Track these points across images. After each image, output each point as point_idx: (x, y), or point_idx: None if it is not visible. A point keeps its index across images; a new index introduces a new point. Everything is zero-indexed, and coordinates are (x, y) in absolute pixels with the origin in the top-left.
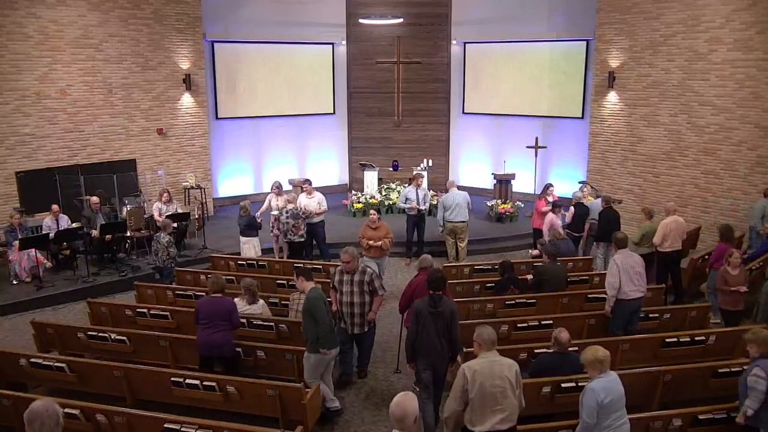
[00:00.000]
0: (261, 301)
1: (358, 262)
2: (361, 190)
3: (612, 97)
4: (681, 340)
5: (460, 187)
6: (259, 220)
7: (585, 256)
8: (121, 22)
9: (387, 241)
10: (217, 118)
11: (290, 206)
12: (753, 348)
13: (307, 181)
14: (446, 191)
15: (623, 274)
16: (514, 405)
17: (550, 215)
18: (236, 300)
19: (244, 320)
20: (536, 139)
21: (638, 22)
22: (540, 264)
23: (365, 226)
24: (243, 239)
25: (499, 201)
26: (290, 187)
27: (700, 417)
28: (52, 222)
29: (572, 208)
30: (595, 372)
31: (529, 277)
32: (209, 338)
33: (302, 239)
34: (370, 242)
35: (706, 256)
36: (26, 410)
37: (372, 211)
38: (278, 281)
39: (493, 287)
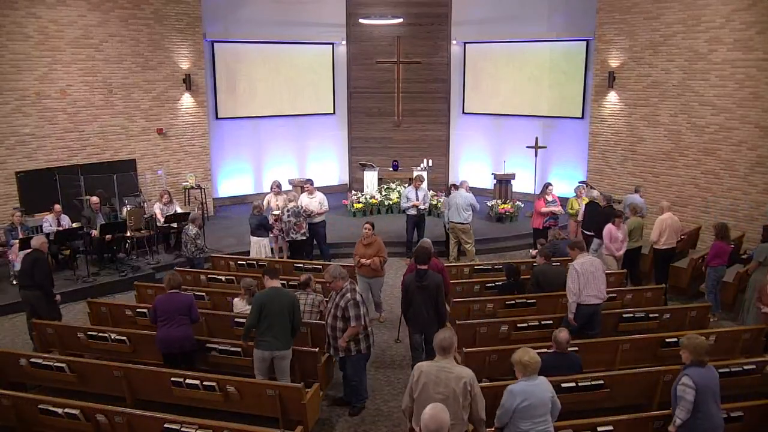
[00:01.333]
0: None
1: (342, 281)
2: (361, 190)
3: (612, 97)
4: (681, 340)
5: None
6: (272, 221)
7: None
8: (121, 22)
9: (377, 260)
10: (217, 118)
11: (291, 204)
12: (685, 354)
13: (309, 181)
14: (450, 191)
15: (582, 278)
16: (458, 416)
17: (610, 226)
18: (236, 300)
19: (243, 320)
20: (536, 139)
21: (638, 22)
22: (536, 265)
23: (358, 242)
24: (253, 239)
25: (499, 201)
26: (290, 187)
27: None
28: (53, 221)
29: (583, 206)
30: (519, 374)
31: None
32: (168, 334)
33: (304, 237)
34: (362, 261)
35: (706, 256)
36: None
37: (366, 225)
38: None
39: (497, 289)
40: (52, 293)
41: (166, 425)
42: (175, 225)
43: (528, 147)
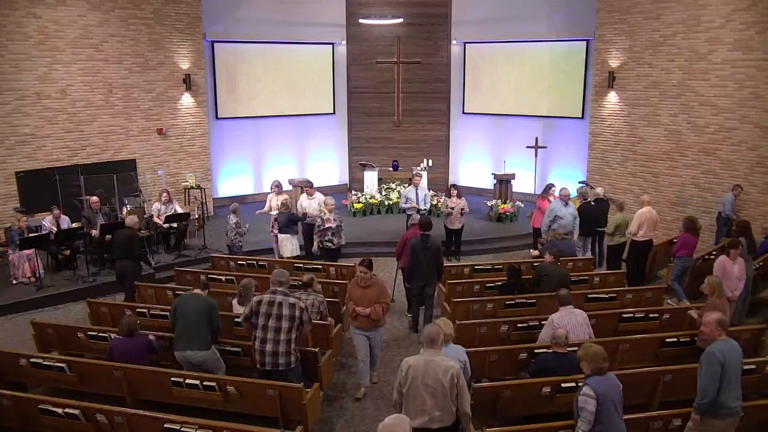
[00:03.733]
0: None
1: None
2: (361, 190)
3: (612, 97)
4: (681, 340)
5: (461, 188)
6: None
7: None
8: (121, 22)
9: (380, 309)
10: (217, 118)
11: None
12: (584, 365)
13: (309, 183)
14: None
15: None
16: (447, 409)
17: (723, 259)
18: (235, 300)
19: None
20: (536, 139)
21: (638, 22)
22: (539, 264)
23: (352, 284)
24: (281, 236)
25: (499, 201)
26: (290, 187)
27: None
28: (51, 223)
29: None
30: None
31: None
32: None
33: (342, 243)
34: (358, 309)
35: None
36: None
37: (361, 269)
38: None
39: (497, 289)
40: (148, 261)
41: (166, 425)
42: (175, 225)
43: (528, 147)
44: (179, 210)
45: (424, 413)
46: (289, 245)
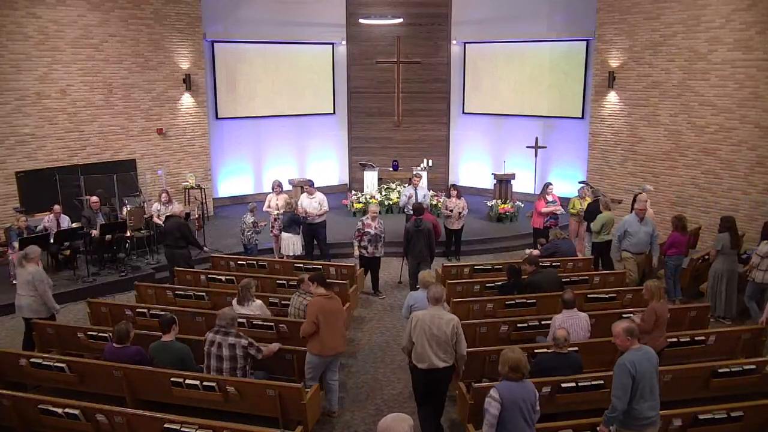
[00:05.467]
0: (258, 302)
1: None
2: (361, 190)
3: (612, 97)
4: (681, 340)
5: (461, 188)
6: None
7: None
8: (121, 22)
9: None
10: (217, 118)
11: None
12: (500, 368)
13: (309, 182)
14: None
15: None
16: (450, 352)
17: None
18: (234, 301)
19: (243, 320)
20: (536, 139)
21: (638, 22)
22: (526, 278)
23: (309, 306)
24: (284, 235)
25: (499, 201)
26: (290, 187)
27: (700, 417)
28: (51, 222)
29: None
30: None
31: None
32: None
33: (381, 254)
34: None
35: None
36: None
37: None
38: (278, 281)
39: (497, 289)
40: (200, 245)
41: (166, 425)
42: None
43: (528, 147)
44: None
45: (431, 356)
46: (291, 244)
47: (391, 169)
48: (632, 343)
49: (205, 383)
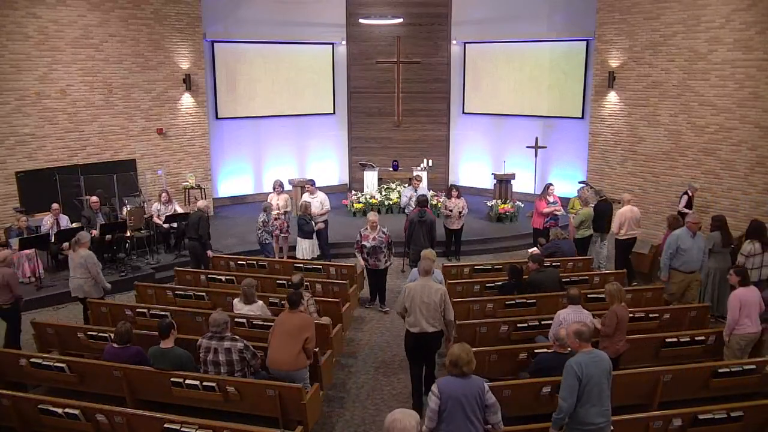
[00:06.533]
0: (260, 302)
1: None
2: (361, 190)
3: (612, 97)
4: (681, 340)
5: (461, 188)
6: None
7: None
8: (121, 22)
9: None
10: (217, 118)
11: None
12: (446, 362)
13: (310, 182)
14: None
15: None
16: (438, 318)
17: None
18: (236, 301)
19: (243, 320)
20: (536, 139)
21: (638, 22)
22: (528, 275)
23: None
24: (298, 239)
25: (499, 201)
26: (290, 187)
27: (700, 417)
28: (51, 221)
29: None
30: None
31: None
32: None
33: (387, 265)
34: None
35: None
36: None
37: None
38: (278, 281)
39: (497, 289)
40: (209, 244)
41: (166, 425)
42: (175, 225)
43: (528, 147)
44: (179, 210)
45: (421, 321)
46: (303, 249)
47: (391, 169)
48: (582, 346)
49: (205, 383)
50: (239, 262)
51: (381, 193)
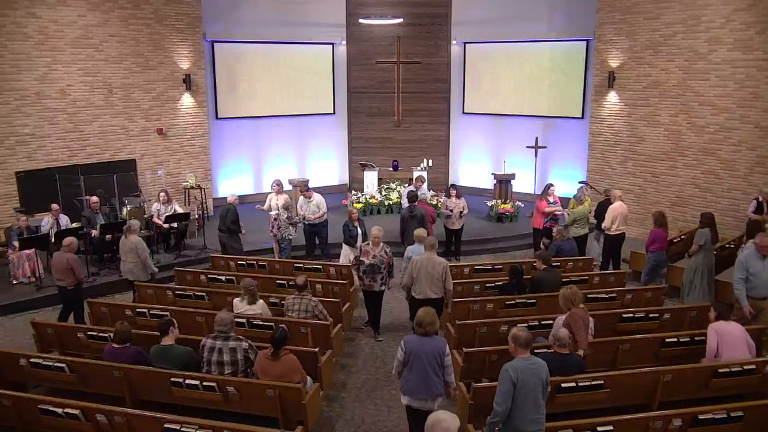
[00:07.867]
0: (261, 302)
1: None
2: (361, 190)
3: (612, 97)
4: (681, 340)
5: (461, 188)
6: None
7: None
8: (121, 22)
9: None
10: (217, 118)
11: (284, 214)
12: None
13: (304, 183)
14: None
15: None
16: (440, 287)
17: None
18: (236, 300)
19: (243, 320)
20: (536, 139)
21: (638, 22)
22: (534, 273)
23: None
24: (345, 247)
25: (499, 201)
26: (290, 187)
27: (700, 417)
28: (51, 222)
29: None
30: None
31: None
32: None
33: (383, 288)
34: None
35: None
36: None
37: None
38: (278, 281)
39: (497, 289)
40: (237, 234)
41: (166, 425)
42: (175, 225)
43: (528, 147)
44: (179, 210)
45: (426, 289)
46: (345, 256)
47: (391, 169)
48: (519, 351)
49: (205, 383)
50: (239, 262)
51: (381, 193)
